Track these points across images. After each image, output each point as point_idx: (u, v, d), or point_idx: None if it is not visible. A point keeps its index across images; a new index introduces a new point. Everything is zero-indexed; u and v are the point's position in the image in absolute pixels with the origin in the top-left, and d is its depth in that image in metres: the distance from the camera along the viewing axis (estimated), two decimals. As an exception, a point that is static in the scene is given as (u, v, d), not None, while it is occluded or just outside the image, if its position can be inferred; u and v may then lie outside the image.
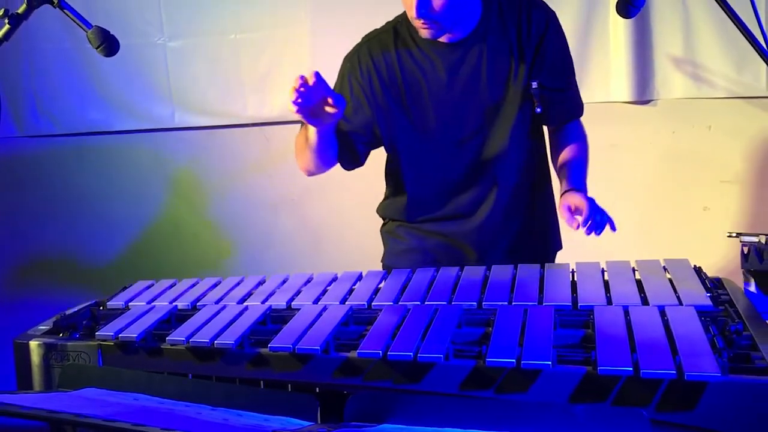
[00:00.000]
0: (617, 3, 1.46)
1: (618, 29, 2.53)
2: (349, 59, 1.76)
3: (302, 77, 1.46)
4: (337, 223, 2.84)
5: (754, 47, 1.36)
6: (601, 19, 2.55)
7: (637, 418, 0.92)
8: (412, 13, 1.59)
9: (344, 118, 1.68)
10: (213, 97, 2.94)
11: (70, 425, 1.09)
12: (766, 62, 1.38)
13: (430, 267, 1.61)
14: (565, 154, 1.74)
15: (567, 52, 1.76)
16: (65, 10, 1.54)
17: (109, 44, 1.58)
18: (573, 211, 1.57)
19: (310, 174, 1.79)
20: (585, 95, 2.59)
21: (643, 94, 2.57)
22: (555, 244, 1.90)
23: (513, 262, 1.67)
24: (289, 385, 1.27)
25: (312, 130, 1.61)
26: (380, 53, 1.71)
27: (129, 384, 1.16)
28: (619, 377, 1.08)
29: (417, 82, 1.69)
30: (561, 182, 1.70)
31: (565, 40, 1.76)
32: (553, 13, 1.73)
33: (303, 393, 1.16)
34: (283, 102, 2.83)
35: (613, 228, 1.57)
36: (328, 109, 1.51)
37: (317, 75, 1.47)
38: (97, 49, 1.58)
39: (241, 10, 2.83)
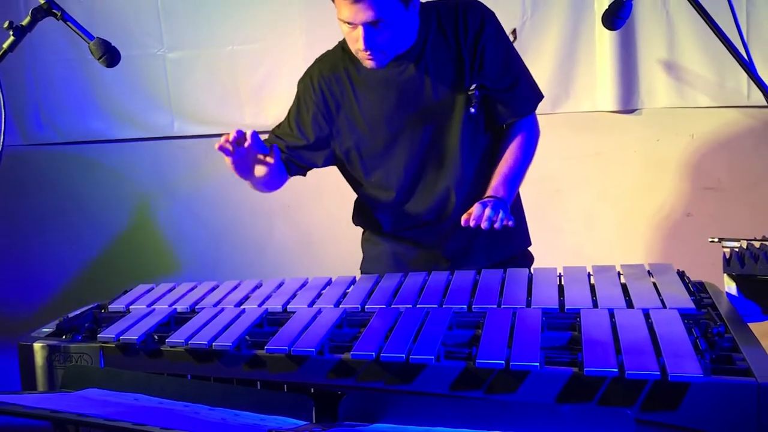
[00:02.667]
0: (603, 15, 1.49)
1: (604, 41, 2.56)
2: (302, 81, 1.80)
3: (239, 133, 1.52)
4: (331, 229, 2.87)
5: (735, 58, 1.38)
6: (587, 31, 2.58)
7: (623, 418, 0.93)
8: (357, 46, 1.60)
9: (302, 136, 1.76)
10: (211, 107, 2.96)
11: (73, 425, 1.10)
12: (747, 73, 1.39)
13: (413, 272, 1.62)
14: (502, 160, 1.71)
15: (509, 50, 1.73)
16: (68, 23, 1.56)
17: (110, 55, 1.60)
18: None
19: (262, 192, 1.85)
20: (572, 105, 2.65)
21: (628, 103, 2.60)
22: (524, 241, 1.89)
23: (484, 263, 1.69)
24: (285, 386, 1.28)
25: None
26: (330, 71, 1.75)
27: (130, 385, 1.17)
28: (604, 378, 1.09)
29: (366, 95, 1.72)
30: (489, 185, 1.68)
31: (506, 38, 1.73)
32: (490, 12, 1.71)
33: (298, 393, 1.16)
34: (278, 111, 2.85)
35: (510, 220, 1.52)
36: (260, 165, 1.60)
37: (254, 136, 1.52)
38: (98, 60, 1.60)
39: (238, 22, 2.86)
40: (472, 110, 1.67)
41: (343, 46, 1.77)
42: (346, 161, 1.81)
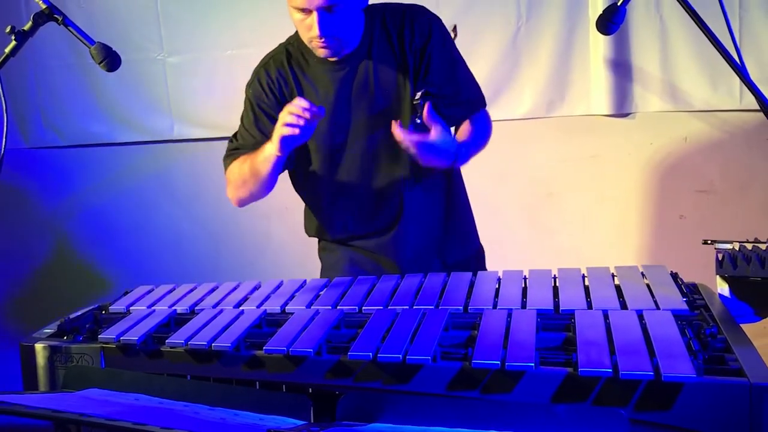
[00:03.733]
0: (597, 20, 1.50)
1: (598, 45, 2.59)
2: (250, 86, 1.77)
3: (312, 107, 1.47)
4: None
5: (728, 62, 1.39)
6: (581, 36, 2.60)
7: (616, 418, 0.94)
8: (311, 34, 1.58)
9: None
10: (210, 111, 2.98)
11: (74, 424, 1.13)
12: (739, 77, 1.40)
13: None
14: (458, 133, 1.72)
15: (455, 56, 1.72)
16: (69, 27, 1.58)
17: (111, 60, 1.62)
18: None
19: (243, 204, 1.79)
20: (566, 108, 2.68)
21: (622, 107, 2.63)
22: (474, 241, 1.89)
23: (439, 268, 1.69)
24: (284, 386, 1.28)
25: (270, 158, 1.62)
26: (277, 72, 1.72)
27: (130, 385, 1.18)
28: (599, 378, 1.09)
29: (312, 99, 1.69)
30: None
31: (453, 44, 1.71)
32: (437, 19, 1.69)
33: (297, 393, 1.17)
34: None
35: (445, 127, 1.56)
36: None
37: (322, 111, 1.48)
38: (99, 64, 1.62)
39: (237, 27, 2.88)
40: (418, 120, 1.64)
41: (287, 47, 1.75)
42: (293, 168, 1.78)
